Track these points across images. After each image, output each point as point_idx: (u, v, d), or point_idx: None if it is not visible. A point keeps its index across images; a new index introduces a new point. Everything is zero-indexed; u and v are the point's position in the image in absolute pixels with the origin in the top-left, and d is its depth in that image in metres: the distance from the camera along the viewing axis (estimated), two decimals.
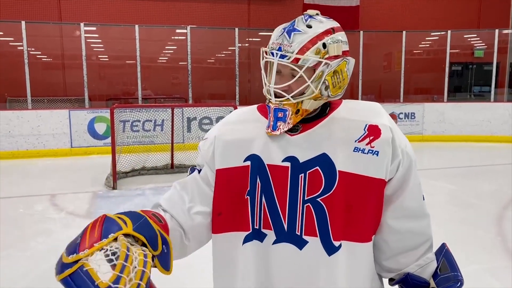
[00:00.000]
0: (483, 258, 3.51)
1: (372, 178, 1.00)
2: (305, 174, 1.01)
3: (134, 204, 5.15)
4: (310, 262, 1.02)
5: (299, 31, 0.99)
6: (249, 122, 1.11)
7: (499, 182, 6.18)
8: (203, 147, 1.14)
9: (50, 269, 2.97)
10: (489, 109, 10.20)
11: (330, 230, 1.00)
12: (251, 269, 1.06)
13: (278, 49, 0.99)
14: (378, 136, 1.01)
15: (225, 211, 1.08)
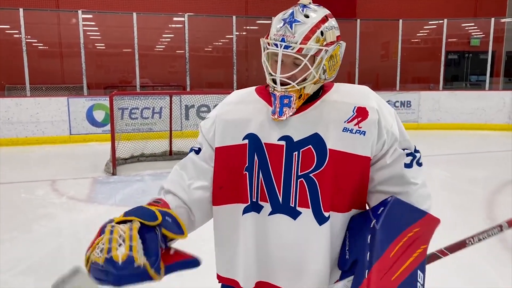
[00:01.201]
0: None
1: (359, 156, 1.10)
2: (298, 152, 1.10)
3: (134, 189, 5.25)
4: (303, 231, 1.12)
5: (299, 21, 1.06)
6: (248, 102, 1.19)
7: (492, 169, 6.31)
8: (204, 125, 1.23)
9: (53, 251, 3.11)
10: (483, 97, 10.30)
11: (321, 202, 1.10)
12: (251, 237, 1.15)
13: (281, 40, 1.06)
14: (366, 118, 1.10)
15: (225, 185, 1.17)
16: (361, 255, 1.04)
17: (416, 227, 1.08)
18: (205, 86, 12.00)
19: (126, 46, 11.05)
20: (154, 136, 7.34)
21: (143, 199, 4.21)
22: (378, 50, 13.12)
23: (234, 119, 1.17)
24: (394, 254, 1.02)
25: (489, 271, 3.12)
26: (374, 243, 1.02)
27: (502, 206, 4.56)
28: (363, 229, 1.08)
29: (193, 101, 8.65)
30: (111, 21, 10.72)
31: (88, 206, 4.66)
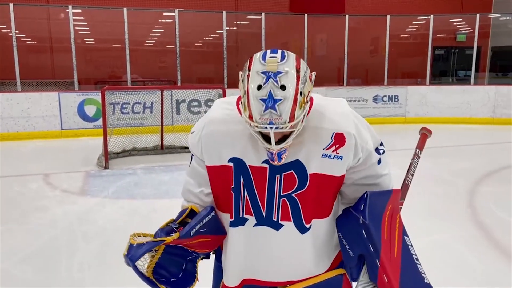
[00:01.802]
0: (454, 228, 3.81)
1: (336, 176, 1.22)
2: (281, 175, 1.20)
3: (126, 182, 5.34)
4: (286, 240, 1.25)
5: (280, 99, 1.03)
6: (231, 123, 1.23)
7: (475, 161, 6.51)
8: (192, 141, 1.31)
9: (48, 241, 3.25)
10: (469, 92, 10.52)
11: (303, 216, 1.23)
12: (236, 245, 1.28)
13: (270, 123, 1.05)
14: (343, 144, 1.19)
15: (218, 196, 1.30)
16: (365, 249, 1.18)
17: (389, 205, 1.25)
18: (196, 81, 12.05)
19: (115, 41, 11.06)
20: (145, 131, 7.41)
21: (136, 192, 4.38)
22: (368, 46, 13.27)
23: (218, 141, 1.23)
24: (386, 235, 1.19)
25: (463, 253, 3.29)
26: (370, 235, 1.17)
27: (482, 195, 4.76)
28: (353, 227, 1.22)
29: (184, 96, 8.73)
30: (100, 16, 10.69)
31: (81, 198, 4.75)
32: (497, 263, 3.12)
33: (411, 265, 1.19)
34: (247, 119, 1.09)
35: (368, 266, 1.19)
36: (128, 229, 3.73)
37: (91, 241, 3.53)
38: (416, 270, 1.19)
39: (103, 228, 3.82)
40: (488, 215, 4.13)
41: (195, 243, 1.22)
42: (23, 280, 2.89)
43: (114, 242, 3.50)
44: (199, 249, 1.27)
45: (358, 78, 12.49)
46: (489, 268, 3.04)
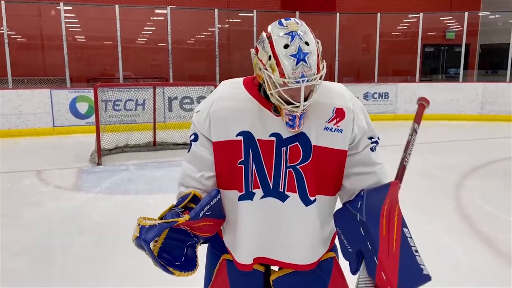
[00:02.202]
0: (440, 219, 3.92)
1: (337, 149, 1.30)
2: (287, 147, 1.27)
3: (119, 178, 5.38)
4: (290, 211, 1.30)
5: (308, 53, 1.14)
6: (239, 100, 1.30)
7: (462, 156, 6.65)
8: (198, 119, 1.33)
9: (43, 235, 3.30)
10: (457, 89, 10.69)
11: (307, 188, 1.29)
12: (245, 220, 1.32)
13: (302, 77, 1.13)
14: (343, 118, 1.29)
15: (224, 174, 1.33)
16: (363, 246, 1.22)
17: (387, 198, 1.27)
18: (188, 78, 12.06)
19: (107, 39, 11.05)
20: (137, 128, 7.44)
21: (129, 187, 4.44)
22: (359, 43, 13.40)
23: (227, 116, 1.29)
24: (385, 231, 1.20)
25: (449, 243, 3.39)
26: (368, 233, 1.20)
27: (468, 189, 4.88)
28: (351, 224, 1.25)
29: (176, 93, 8.78)
30: (91, 13, 10.67)
31: (74, 194, 4.78)
32: (481, 253, 3.23)
33: (410, 258, 1.20)
34: (279, 78, 1.14)
35: (367, 262, 1.22)
36: (122, 223, 3.82)
37: (85, 235, 3.58)
38: (415, 262, 1.20)
39: (97, 223, 3.87)
40: (473, 207, 4.25)
41: (201, 225, 1.25)
42: (19, 273, 2.93)
43: (108, 236, 3.56)
44: (202, 233, 1.29)
45: (350, 75, 12.61)
46: (473, 258, 3.14)
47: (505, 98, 10.27)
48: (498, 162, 6.24)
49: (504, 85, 10.44)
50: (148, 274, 2.86)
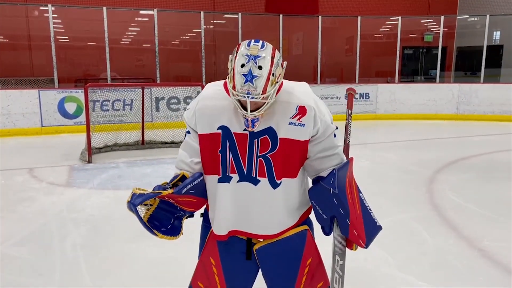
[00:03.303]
0: (412, 209, 4.24)
1: (300, 141, 1.55)
2: (258, 139, 1.53)
3: (110, 175, 5.58)
4: (262, 194, 1.57)
5: (256, 76, 1.38)
6: (219, 99, 1.56)
7: (437, 153, 7.02)
8: (187, 116, 1.63)
9: (40, 227, 3.58)
10: (435, 89, 11.15)
11: (274, 173, 1.56)
12: (224, 199, 1.59)
13: (247, 93, 1.39)
14: (304, 114, 1.53)
15: (206, 161, 1.61)
16: (337, 212, 1.52)
17: (348, 172, 1.58)
18: (173, 79, 12.24)
19: (90, 40, 11.19)
20: (125, 128, 7.62)
21: (120, 183, 4.73)
22: (343, 45, 13.77)
23: (209, 113, 1.56)
24: (350, 198, 1.50)
25: (418, 229, 3.72)
26: (340, 202, 1.50)
27: (440, 182, 5.23)
28: (325, 196, 1.54)
29: (163, 93, 8.98)
30: (77, 14, 10.75)
31: (67, 190, 4.97)
32: (447, 237, 3.55)
33: (368, 215, 1.53)
34: (231, 89, 1.42)
35: (340, 224, 1.52)
36: (115, 215, 4.09)
37: (80, 226, 3.79)
38: (371, 217, 1.53)
39: (91, 215, 4.08)
40: (442, 198, 4.59)
41: (184, 200, 1.54)
42: (21, 259, 3.14)
43: (102, 227, 3.78)
44: (186, 207, 1.58)
45: (333, 76, 12.98)
46: (439, 241, 3.46)
47: (478, 99, 10.76)
48: (470, 158, 6.64)
49: (478, 86, 10.93)
50: (141, 260, 3.12)
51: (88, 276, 2.89)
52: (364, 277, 2.87)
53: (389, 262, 3.09)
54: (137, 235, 3.55)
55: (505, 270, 2.98)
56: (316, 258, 1.70)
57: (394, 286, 2.78)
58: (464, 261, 3.13)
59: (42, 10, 10.18)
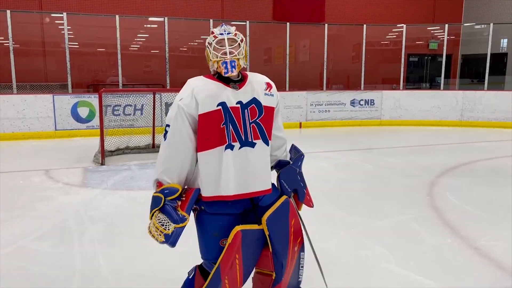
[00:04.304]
0: (412, 211, 4.41)
1: (272, 107, 2.03)
2: (247, 109, 1.92)
3: (123, 176, 5.81)
4: (259, 153, 1.96)
5: (229, 28, 1.97)
6: (209, 84, 1.93)
7: (440, 158, 7.18)
8: (185, 103, 1.86)
9: (59, 224, 3.87)
10: (439, 96, 11.31)
11: (266, 134, 1.98)
12: (230, 164, 1.88)
13: (224, 32, 1.94)
14: (271, 88, 2.06)
15: (211, 136, 1.88)
16: (299, 185, 2.16)
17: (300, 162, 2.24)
18: (180, 85, 12.41)
19: (101, 46, 11.50)
20: (136, 132, 7.86)
21: (133, 184, 5.02)
22: (349, 52, 13.98)
23: (207, 94, 1.87)
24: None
25: (417, 229, 3.89)
26: (302, 178, 2.18)
27: (441, 185, 5.39)
28: (292, 174, 2.14)
29: (173, 98, 9.20)
30: (86, 21, 11.04)
31: (83, 190, 5.21)
32: (445, 237, 3.72)
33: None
34: (212, 37, 1.95)
35: (299, 193, 2.16)
36: (129, 213, 4.34)
37: (97, 223, 4.01)
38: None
39: (107, 213, 4.30)
40: (442, 200, 4.76)
41: None
42: (42, 253, 3.36)
43: (117, 224, 4.00)
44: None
45: (340, 83, 13.17)
46: (438, 240, 3.63)
47: (482, 105, 10.90)
48: (472, 163, 6.79)
49: (482, 93, 11.08)
50: (153, 253, 3.32)
51: (106, 268, 3.10)
52: (365, 272, 3.06)
53: (388, 258, 3.27)
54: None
55: (498, 267, 3.15)
56: (296, 219, 2.09)
57: (393, 280, 2.96)
58: (460, 258, 3.30)
59: (55, 17, 10.52)
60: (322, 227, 3.91)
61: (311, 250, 2.26)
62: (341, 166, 6.56)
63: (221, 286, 1.88)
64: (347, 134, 10.00)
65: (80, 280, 2.94)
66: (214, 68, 1.94)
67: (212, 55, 1.92)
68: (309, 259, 2.26)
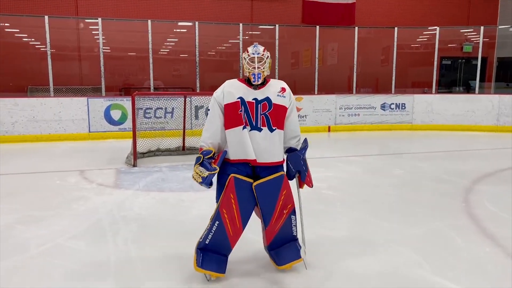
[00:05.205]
0: (447, 218, 4.29)
1: (284, 106, 2.84)
2: (260, 104, 2.78)
3: (154, 178, 5.91)
4: (264, 136, 2.78)
5: (259, 49, 2.84)
6: (235, 84, 2.85)
7: (475, 164, 6.97)
8: (217, 95, 2.83)
9: (93, 223, 4.01)
10: (473, 100, 10.97)
11: (271, 124, 2.79)
12: (246, 139, 2.76)
13: (255, 52, 2.81)
14: (285, 91, 2.87)
15: (232, 118, 2.77)
16: (302, 168, 2.89)
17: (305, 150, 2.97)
18: (209, 89, 12.63)
19: (132, 50, 11.76)
20: (167, 134, 7.99)
21: (164, 186, 5.15)
22: (378, 55, 13.79)
23: (231, 91, 2.80)
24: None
25: (453, 237, 3.78)
26: (306, 163, 2.91)
27: (478, 192, 5.22)
28: (297, 160, 2.88)
29: (202, 102, 9.34)
30: (118, 26, 11.30)
31: (116, 190, 5.33)
32: (483, 246, 3.59)
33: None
34: (247, 54, 2.82)
35: (302, 175, 2.90)
36: (161, 214, 4.44)
37: (130, 223, 4.09)
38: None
39: (139, 214, 4.38)
40: (480, 208, 4.61)
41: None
42: (80, 251, 3.45)
43: (150, 224, 4.07)
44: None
45: (368, 87, 13.00)
46: (474, 249, 3.52)
47: None
48: (510, 170, 6.54)
49: None
50: (184, 255, 3.36)
51: (140, 267, 3.16)
52: (400, 280, 2.99)
53: (424, 266, 3.19)
54: (184, 232, 3.82)
55: None
56: (288, 190, 2.86)
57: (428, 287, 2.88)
58: (498, 268, 3.18)
59: (89, 22, 10.83)
60: (355, 233, 3.86)
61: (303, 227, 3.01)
62: (372, 171, 6.46)
63: (223, 222, 2.75)
64: (377, 139, 9.84)
65: (114, 277, 3.00)
66: (246, 75, 2.80)
67: (245, 67, 2.80)
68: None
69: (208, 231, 2.79)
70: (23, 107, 8.76)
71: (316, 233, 3.77)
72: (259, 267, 3.12)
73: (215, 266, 2.80)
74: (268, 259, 3.12)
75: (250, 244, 3.40)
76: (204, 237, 2.81)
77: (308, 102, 10.64)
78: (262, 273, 3.03)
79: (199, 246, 2.84)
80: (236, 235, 2.79)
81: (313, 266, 3.12)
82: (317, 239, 3.65)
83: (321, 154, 7.62)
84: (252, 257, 3.27)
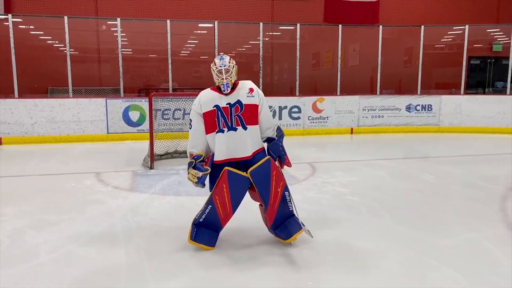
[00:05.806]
0: (483, 228, 3.95)
1: (254, 104, 3.28)
2: (233, 107, 3.22)
3: (171, 181, 5.74)
4: (239, 135, 3.23)
5: (225, 61, 3.26)
6: (211, 93, 3.30)
7: (509, 168, 6.55)
8: (195, 108, 3.30)
9: (107, 228, 3.77)
10: (504, 102, 10.45)
11: (244, 123, 3.22)
12: (222, 143, 3.23)
13: (222, 65, 3.22)
14: (253, 91, 3.30)
15: (209, 124, 3.25)
16: (281, 154, 3.36)
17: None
18: None
19: (152, 52, 11.68)
20: (185, 136, 7.81)
21: (180, 189, 4.90)
22: (402, 56, 13.37)
23: (207, 100, 3.25)
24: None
25: (492, 250, 3.45)
26: (283, 149, 3.39)
27: None
28: (277, 147, 3.36)
29: None
30: (138, 27, 11.25)
31: (131, 194, 5.17)
32: None
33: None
34: (214, 67, 3.24)
35: (281, 158, 3.34)
36: (176, 220, 4.20)
37: (144, 230, 3.91)
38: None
39: (154, 219, 4.19)
40: None
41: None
42: (90, 259, 3.27)
43: (164, 231, 3.87)
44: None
45: (391, 88, 12.60)
46: None
47: None
48: None
49: None
50: (203, 265, 3.15)
51: (151, 278, 2.96)
52: None
53: (461, 283, 2.89)
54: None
55: None
56: (278, 171, 3.23)
57: None
58: None
59: (110, 24, 10.80)
60: (381, 243, 3.57)
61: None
62: (398, 175, 6.13)
63: (215, 206, 3.22)
64: (402, 141, 9.46)
65: None
66: (216, 84, 3.26)
67: (215, 78, 3.23)
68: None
69: (202, 212, 3.29)
70: (42, 108, 8.75)
71: (340, 242, 3.51)
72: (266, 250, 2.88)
73: (206, 240, 3.31)
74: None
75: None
76: (199, 216, 3.31)
77: (330, 103, 10.33)
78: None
79: (194, 222, 3.34)
80: (226, 217, 3.26)
81: (337, 279, 2.86)
82: (339, 249, 3.39)
83: (343, 157, 7.32)
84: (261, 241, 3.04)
